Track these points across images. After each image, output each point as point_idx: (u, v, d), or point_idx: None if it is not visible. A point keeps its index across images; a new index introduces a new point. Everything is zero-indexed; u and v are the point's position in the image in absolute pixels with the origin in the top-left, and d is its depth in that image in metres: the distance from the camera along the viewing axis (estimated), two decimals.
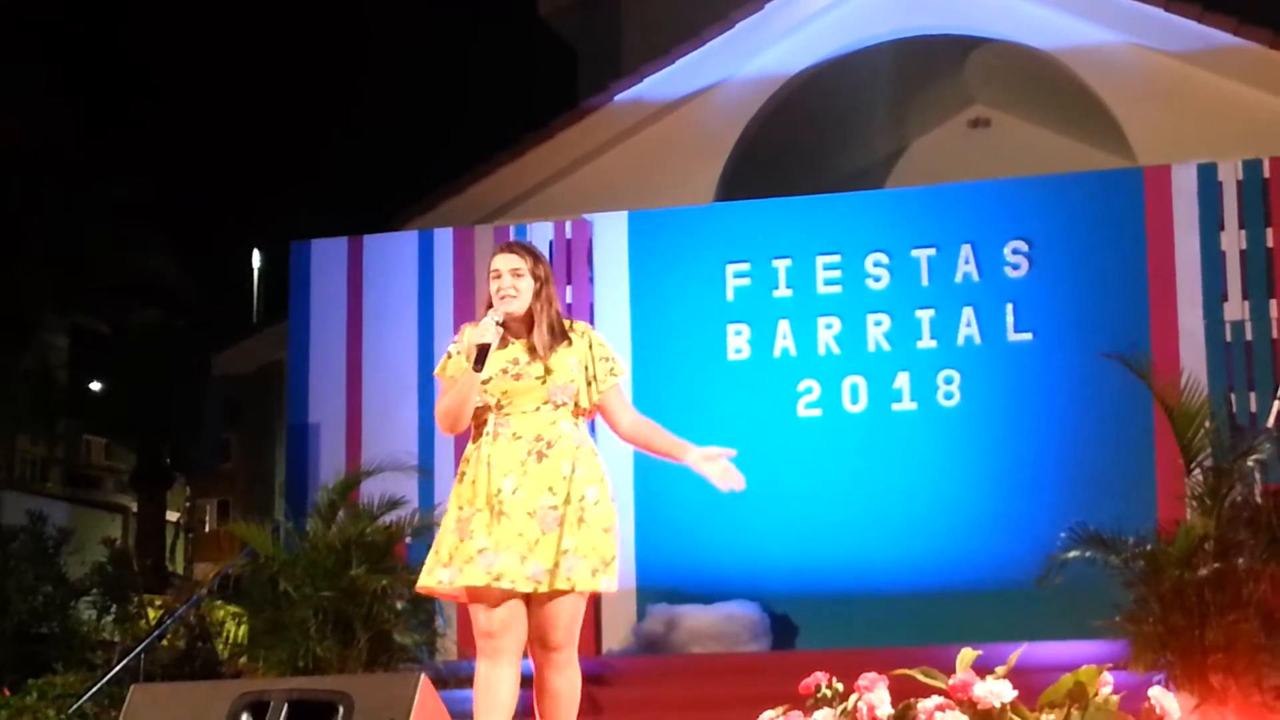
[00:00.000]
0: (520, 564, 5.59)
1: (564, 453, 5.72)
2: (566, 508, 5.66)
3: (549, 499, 5.66)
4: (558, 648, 5.70)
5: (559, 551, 5.62)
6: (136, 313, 28.54)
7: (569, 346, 5.80)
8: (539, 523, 5.64)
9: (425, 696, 5.35)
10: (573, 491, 5.68)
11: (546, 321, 5.79)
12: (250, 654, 10.95)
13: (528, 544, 5.62)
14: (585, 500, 5.70)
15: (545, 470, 5.69)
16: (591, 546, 5.67)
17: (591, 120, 14.59)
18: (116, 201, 25.35)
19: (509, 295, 5.77)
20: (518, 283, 5.78)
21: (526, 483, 5.68)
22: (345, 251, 13.53)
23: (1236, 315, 11.95)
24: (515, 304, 5.77)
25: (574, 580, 5.62)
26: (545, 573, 5.61)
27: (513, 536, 5.62)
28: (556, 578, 5.61)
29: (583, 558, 5.65)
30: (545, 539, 5.63)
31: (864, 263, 12.61)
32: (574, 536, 5.65)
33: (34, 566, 12.86)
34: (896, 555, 12.08)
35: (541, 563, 5.61)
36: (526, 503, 5.66)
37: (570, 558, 5.63)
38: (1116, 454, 11.73)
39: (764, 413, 12.59)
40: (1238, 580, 8.77)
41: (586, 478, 5.73)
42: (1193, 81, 13.31)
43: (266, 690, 5.48)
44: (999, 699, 5.17)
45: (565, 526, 5.65)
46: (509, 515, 5.65)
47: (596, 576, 5.67)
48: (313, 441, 13.26)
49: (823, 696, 5.56)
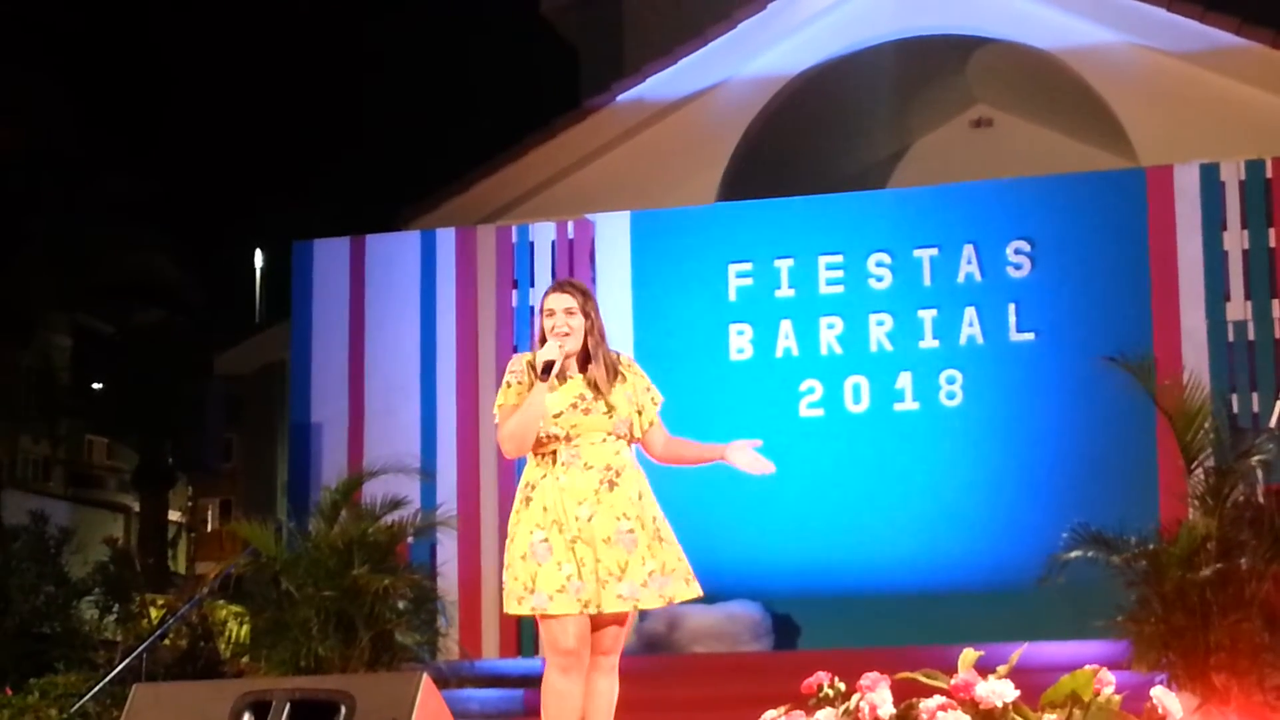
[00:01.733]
0: (602, 589, 5.93)
1: (631, 480, 6.07)
2: (643, 531, 6.01)
3: (625, 524, 6.00)
4: (608, 652, 6.09)
5: (645, 572, 5.98)
6: (139, 312, 28.54)
7: (622, 382, 6.14)
8: (622, 547, 5.98)
9: (427, 696, 5.35)
10: (644, 514, 6.05)
11: (603, 356, 6.13)
12: (252, 653, 10.94)
13: (607, 569, 5.95)
14: (657, 520, 6.09)
15: (617, 498, 6.02)
16: (676, 559, 6.08)
17: (594, 120, 14.59)
18: (119, 201, 25.36)
19: (563, 333, 6.08)
20: (570, 320, 6.10)
21: (601, 510, 5.99)
22: (347, 251, 13.53)
23: (1239, 315, 11.95)
24: (571, 342, 6.09)
25: (671, 595, 6.05)
26: (637, 589, 5.98)
27: (592, 562, 5.95)
28: (652, 595, 6.00)
29: (671, 573, 6.04)
30: (632, 559, 5.98)
31: (866, 263, 12.62)
32: (659, 556, 6.03)
33: (36, 566, 12.87)
34: (899, 555, 12.09)
35: (631, 582, 5.97)
36: (602, 529, 5.98)
37: (659, 576, 6.01)
38: (1118, 454, 11.73)
39: (766, 413, 12.58)
40: (1240, 580, 8.77)
41: (651, 501, 6.13)
42: (1195, 82, 13.31)
43: (269, 690, 5.48)
44: (1001, 699, 5.17)
45: (646, 548, 6.01)
46: (587, 543, 5.97)
47: (691, 585, 6.10)
48: (315, 441, 13.26)
49: (825, 696, 5.56)
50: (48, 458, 37.03)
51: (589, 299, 6.18)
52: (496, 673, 11.50)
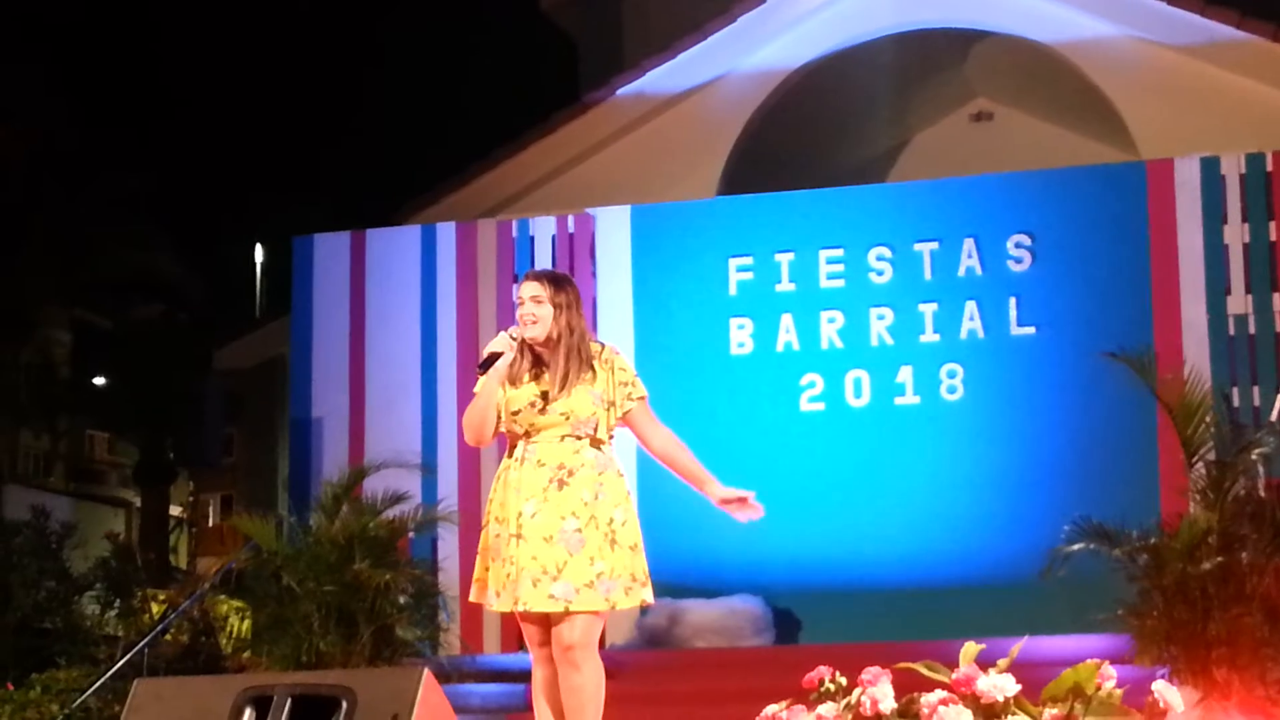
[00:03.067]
0: (533, 587, 5.87)
1: (585, 481, 5.96)
2: (595, 531, 5.91)
3: (572, 522, 5.91)
4: (569, 646, 5.93)
5: (593, 572, 5.89)
6: (139, 307, 28.54)
7: (592, 380, 6.02)
8: (565, 545, 5.89)
9: (428, 691, 5.35)
10: (599, 515, 5.94)
11: (564, 350, 6.00)
12: (254, 648, 10.95)
13: (542, 566, 5.87)
14: (614, 523, 5.97)
15: (565, 497, 5.93)
16: (624, 566, 5.95)
17: (593, 114, 14.58)
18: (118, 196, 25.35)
19: (529, 322, 6.01)
20: (537, 309, 6.03)
21: (545, 509, 5.92)
22: (347, 246, 13.53)
23: (1239, 309, 11.94)
24: (535, 329, 6.02)
25: (613, 599, 5.93)
26: (575, 591, 5.87)
27: (527, 559, 5.89)
28: (592, 597, 5.88)
29: (617, 578, 5.92)
30: (575, 560, 5.88)
31: (867, 256, 12.61)
32: (607, 559, 5.92)
33: (37, 561, 12.85)
34: (900, 549, 12.08)
35: (571, 582, 5.87)
36: (544, 528, 5.90)
37: (606, 579, 5.90)
38: (1119, 447, 11.73)
39: (767, 407, 12.59)
40: (1241, 574, 8.77)
41: (611, 501, 5.99)
42: (1195, 75, 13.30)
43: (270, 685, 5.48)
44: (1002, 693, 5.17)
45: (596, 549, 5.90)
46: (526, 539, 5.91)
47: (630, 594, 5.97)
48: (315, 436, 13.26)
49: (826, 691, 5.56)
50: (49, 453, 37.04)
51: (561, 289, 6.07)
52: (497, 668, 11.50)
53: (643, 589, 6.01)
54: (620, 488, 6.04)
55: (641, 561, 6.04)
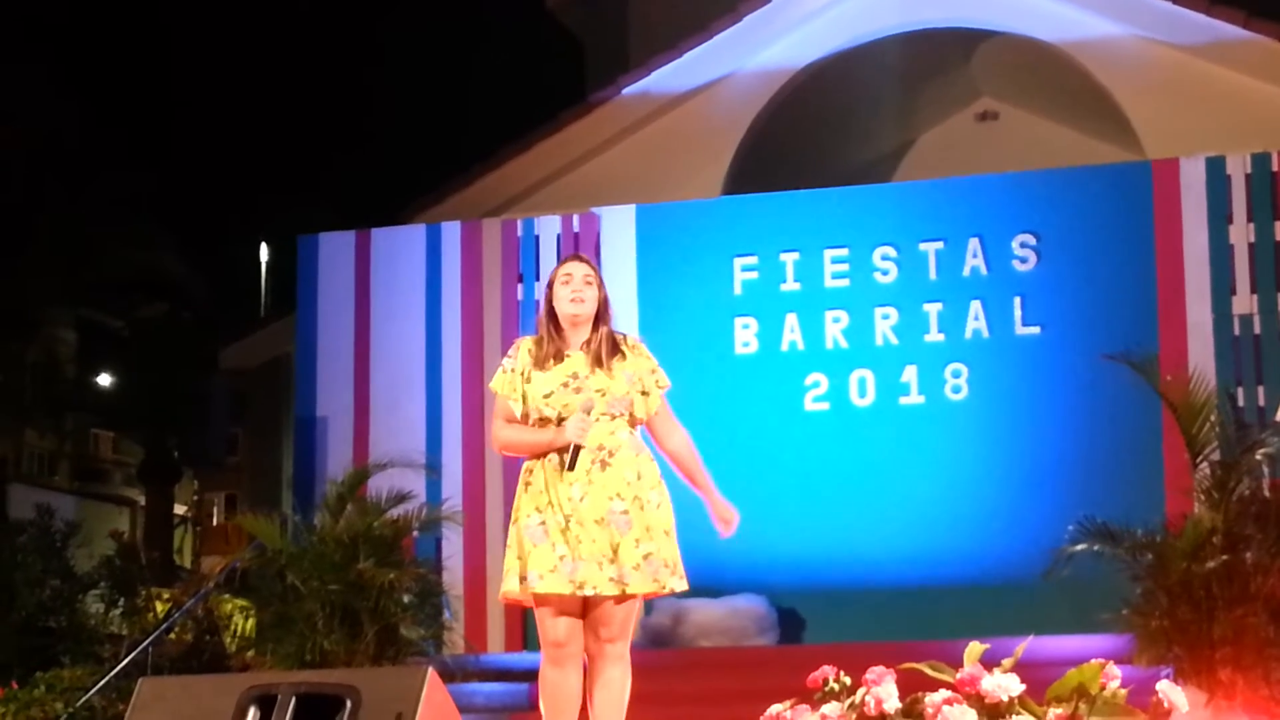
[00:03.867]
0: (599, 570, 5.87)
1: (626, 460, 5.98)
2: (640, 513, 5.93)
3: (618, 504, 5.92)
4: (613, 640, 5.97)
5: (640, 554, 5.90)
6: (143, 307, 28.56)
7: (622, 360, 6.05)
8: (614, 528, 5.90)
9: (433, 690, 5.34)
10: (643, 496, 5.96)
11: (607, 334, 6.06)
12: (258, 647, 10.94)
13: (601, 551, 5.88)
14: (649, 505, 5.98)
15: (610, 478, 5.95)
16: (658, 549, 5.96)
17: (599, 114, 14.58)
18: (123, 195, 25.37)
19: (579, 299, 6.04)
20: (586, 291, 6.08)
21: (593, 491, 5.92)
22: (352, 245, 13.53)
23: (1245, 309, 11.93)
24: (583, 308, 6.06)
25: (661, 580, 5.94)
26: (627, 573, 5.88)
27: (588, 544, 5.89)
28: (641, 580, 5.90)
29: (660, 560, 5.96)
30: (624, 541, 5.90)
31: (872, 256, 12.61)
32: (653, 541, 5.94)
33: (42, 560, 12.87)
34: (904, 549, 12.08)
35: (621, 565, 5.88)
36: (594, 510, 5.91)
37: (653, 560, 5.92)
38: (1124, 447, 11.72)
39: (771, 406, 12.59)
40: (1245, 574, 8.76)
41: (649, 483, 6.01)
42: (1201, 75, 13.29)
43: (274, 684, 5.47)
44: (1007, 693, 5.16)
45: (642, 530, 5.93)
46: (581, 524, 5.90)
47: (661, 579, 5.96)
48: (320, 435, 13.26)
49: (830, 690, 5.55)
50: (53, 452, 37.08)
51: (599, 273, 6.19)
52: (501, 666, 11.50)
53: (672, 576, 6.00)
54: (654, 472, 6.06)
55: (675, 548, 6.05)
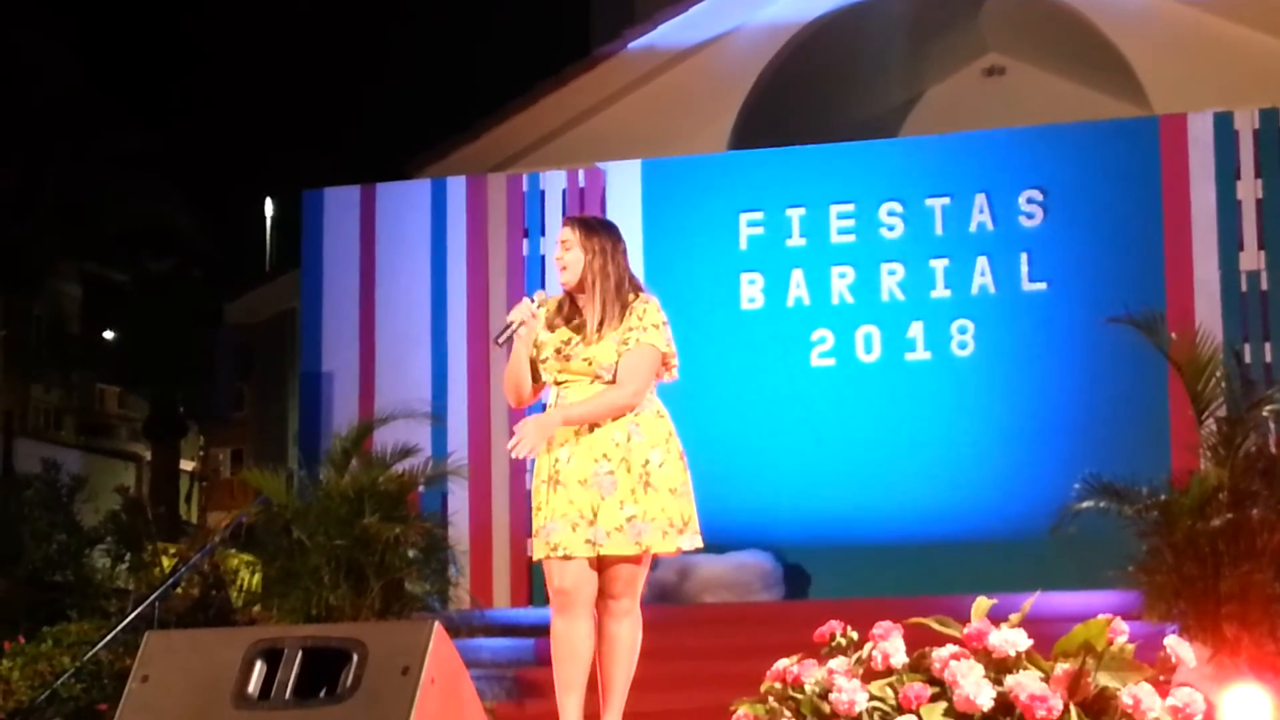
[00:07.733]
0: (572, 531, 5.83)
1: (617, 423, 5.88)
2: (627, 474, 5.85)
3: (604, 465, 5.86)
4: (616, 597, 5.96)
5: (623, 516, 5.83)
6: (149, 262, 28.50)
7: (616, 327, 5.91)
8: (597, 488, 5.84)
9: (439, 643, 5.34)
10: (632, 458, 5.88)
11: (599, 296, 5.91)
12: (264, 602, 10.96)
13: (579, 511, 5.84)
14: (649, 464, 5.89)
15: (596, 440, 5.88)
16: (660, 509, 5.89)
17: (605, 68, 14.55)
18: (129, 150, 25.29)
19: (561, 265, 5.98)
20: (565, 255, 5.98)
21: (578, 452, 5.88)
22: (358, 200, 13.52)
23: (1252, 265, 11.91)
24: (565, 275, 5.97)
25: (646, 543, 5.87)
26: (607, 534, 5.82)
27: (565, 504, 5.86)
28: (624, 541, 5.83)
29: (651, 521, 5.87)
30: (606, 503, 5.84)
31: (878, 212, 12.58)
32: (640, 502, 5.85)
33: (48, 514, 12.88)
34: (910, 505, 12.09)
35: (604, 525, 5.83)
36: (578, 471, 5.86)
37: (638, 522, 5.84)
38: (1130, 404, 11.72)
39: (777, 362, 12.58)
40: (1251, 530, 8.75)
41: (647, 443, 5.91)
42: (1210, 30, 13.24)
43: (280, 638, 5.47)
44: (1014, 648, 5.15)
45: (628, 492, 5.84)
46: (563, 484, 5.88)
47: (668, 538, 5.92)
48: (325, 390, 13.27)
49: (837, 645, 5.54)
50: (59, 407, 37.08)
51: (594, 234, 5.97)
52: (507, 622, 11.52)
53: (680, 535, 5.93)
54: (660, 429, 5.94)
55: (684, 505, 5.95)
